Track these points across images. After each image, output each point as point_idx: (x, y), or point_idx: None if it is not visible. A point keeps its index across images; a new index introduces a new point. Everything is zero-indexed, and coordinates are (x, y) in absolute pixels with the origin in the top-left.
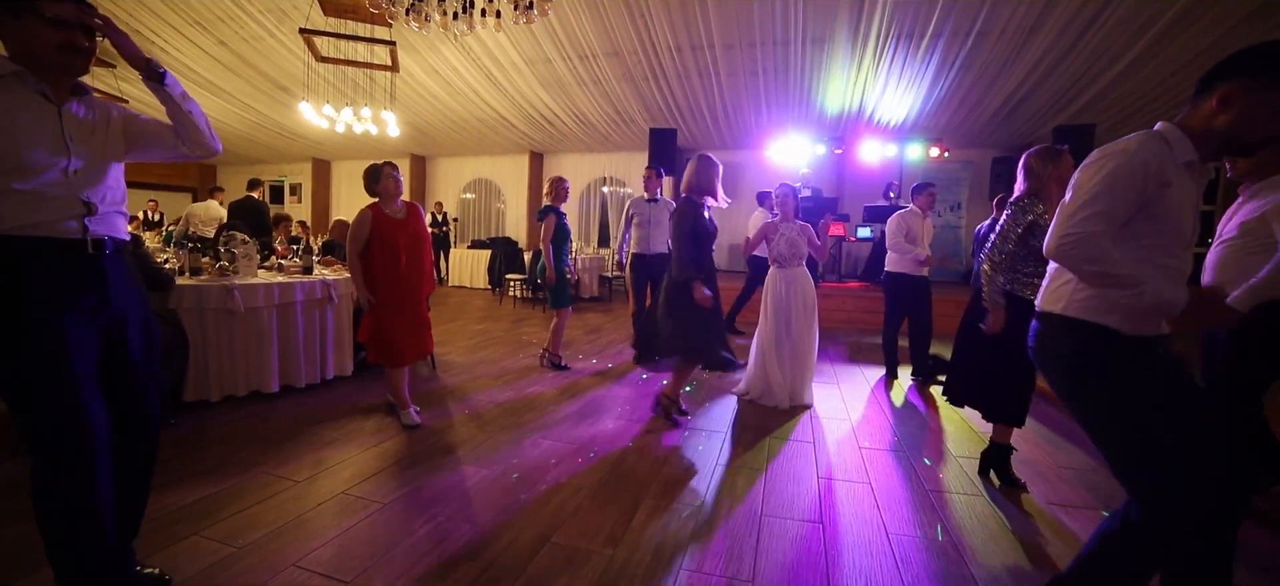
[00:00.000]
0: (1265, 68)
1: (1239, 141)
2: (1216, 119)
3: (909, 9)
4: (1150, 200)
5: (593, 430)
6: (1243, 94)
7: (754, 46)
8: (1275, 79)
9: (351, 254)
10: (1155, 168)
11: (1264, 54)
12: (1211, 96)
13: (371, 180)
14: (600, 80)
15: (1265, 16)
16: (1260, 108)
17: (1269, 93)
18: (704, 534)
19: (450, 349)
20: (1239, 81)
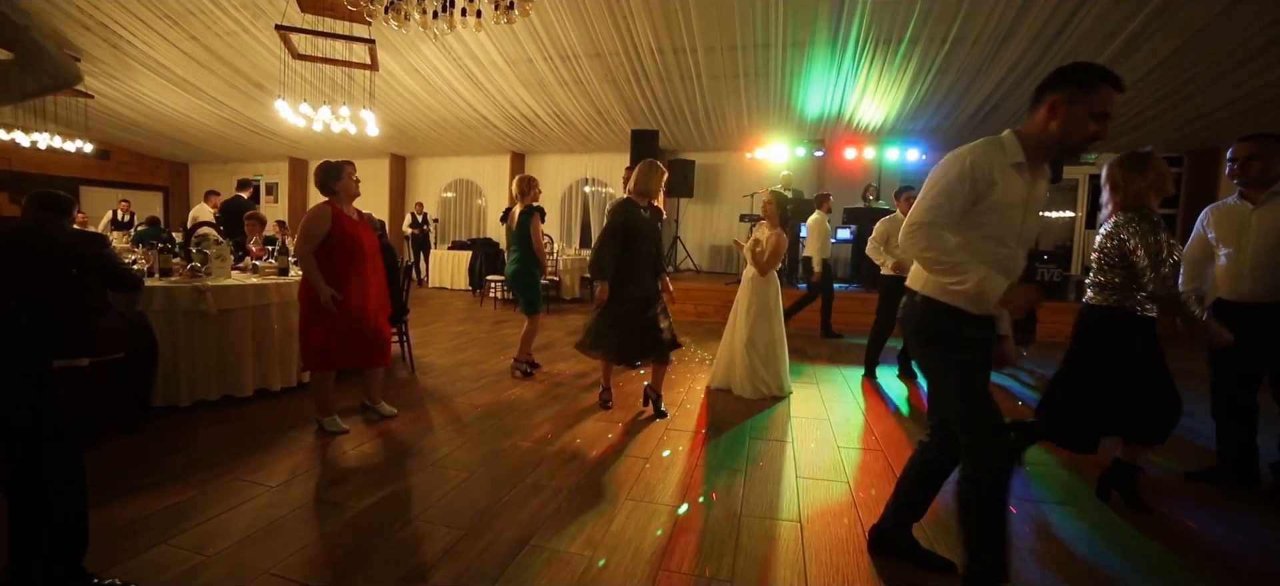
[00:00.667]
0: (1080, 82)
1: (1065, 144)
2: (1049, 125)
3: (887, 14)
4: (980, 196)
5: (573, 432)
6: (1065, 103)
7: (735, 49)
8: (1088, 91)
9: (304, 251)
10: (982, 170)
11: (1079, 69)
12: (1042, 106)
13: (330, 177)
14: (582, 81)
15: (1212, 34)
16: (1077, 115)
17: (1081, 103)
18: (683, 534)
19: (430, 350)
20: (1062, 92)
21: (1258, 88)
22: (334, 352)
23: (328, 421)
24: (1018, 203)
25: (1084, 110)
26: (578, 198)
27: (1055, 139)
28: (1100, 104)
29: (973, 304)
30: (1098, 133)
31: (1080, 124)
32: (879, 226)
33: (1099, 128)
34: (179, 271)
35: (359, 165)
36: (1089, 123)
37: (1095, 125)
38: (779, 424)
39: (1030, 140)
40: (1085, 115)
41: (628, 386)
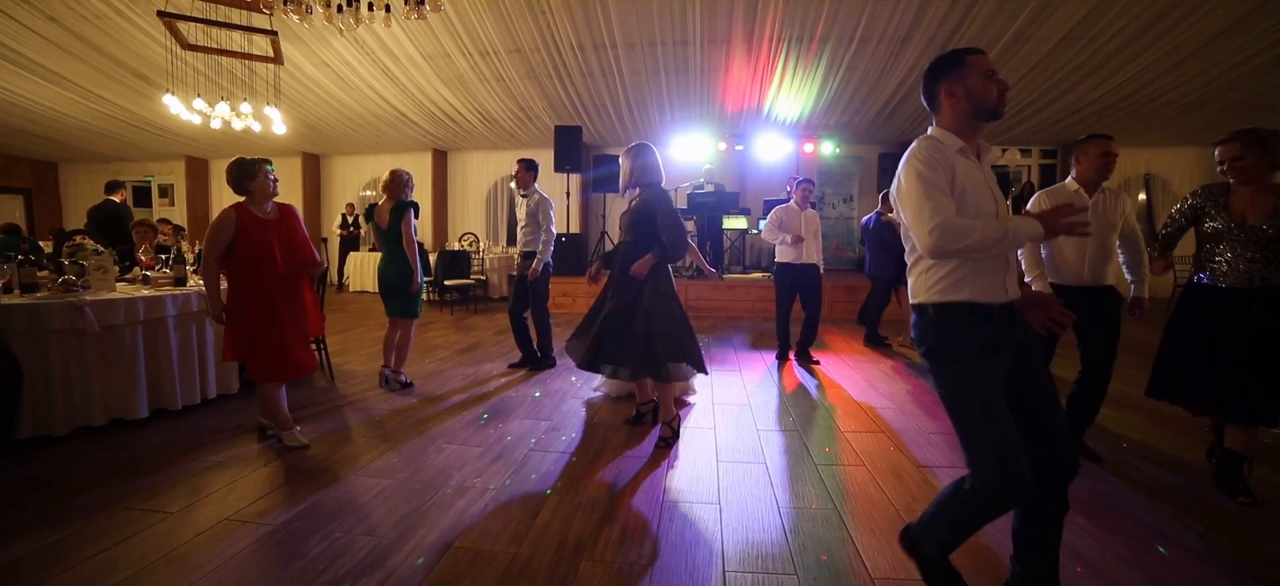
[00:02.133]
0: (956, 63)
1: (981, 108)
2: (959, 108)
3: (797, 14)
4: (953, 180)
5: (499, 431)
6: (956, 82)
7: (654, 45)
8: (964, 66)
9: (209, 259)
10: (939, 159)
11: (946, 58)
12: (941, 100)
13: (244, 176)
14: (503, 77)
15: (1072, 42)
16: (973, 82)
17: (967, 75)
18: (606, 523)
19: (350, 358)
20: (946, 79)
21: (1115, 86)
22: (258, 363)
23: (287, 435)
24: (980, 183)
25: (975, 77)
26: (503, 193)
27: (971, 112)
28: (981, 66)
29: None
30: (1001, 85)
31: (982, 89)
32: (773, 214)
33: (997, 82)
34: (49, 286)
35: None
36: (986, 83)
37: (992, 83)
38: (702, 410)
39: (955, 125)
40: (979, 79)
41: (552, 385)
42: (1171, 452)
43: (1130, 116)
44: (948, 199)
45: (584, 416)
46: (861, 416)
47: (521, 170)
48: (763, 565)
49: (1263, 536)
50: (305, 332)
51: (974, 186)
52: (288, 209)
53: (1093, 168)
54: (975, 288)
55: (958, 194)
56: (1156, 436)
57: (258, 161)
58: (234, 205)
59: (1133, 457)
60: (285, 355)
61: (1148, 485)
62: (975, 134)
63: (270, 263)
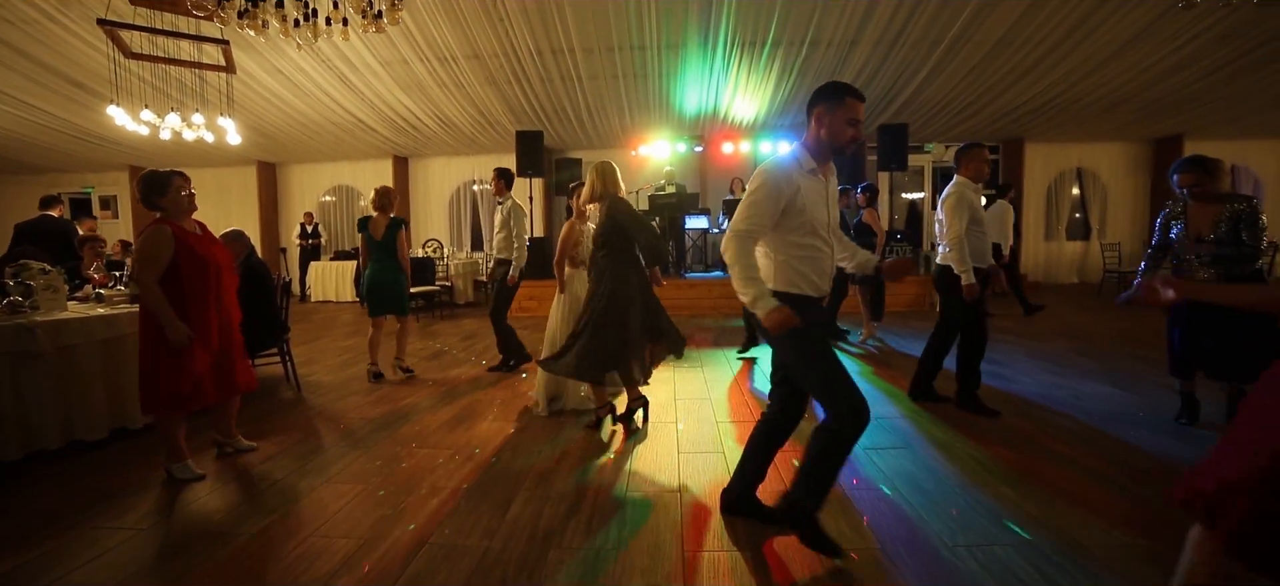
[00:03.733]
0: (831, 96)
1: (834, 145)
2: (820, 133)
3: (749, 19)
4: (788, 204)
5: (469, 433)
6: (826, 113)
7: (612, 51)
8: (839, 103)
9: (149, 281)
10: (785, 183)
11: (833, 87)
12: (812, 119)
13: (154, 191)
14: (462, 83)
15: (1005, 46)
16: (836, 123)
17: (836, 113)
18: (574, 514)
19: (316, 368)
20: (821, 106)
21: (1046, 87)
22: (193, 395)
23: (179, 468)
24: (819, 200)
25: (841, 118)
26: (466, 199)
27: (827, 143)
28: (850, 112)
29: (810, 287)
30: (855, 135)
31: (841, 129)
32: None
33: (855, 131)
34: None
35: (221, 174)
36: (846, 128)
37: (851, 129)
38: (665, 406)
39: (813, 147)
40: (842, 122)
41: (521, 387)
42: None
43: (1061, 114)
44: (765, 222)
45: (550, 418)
46: (814, 406)
47: (495, 179)
48: (718, 543)
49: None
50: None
51: (814, 203)
52: (208, 231)
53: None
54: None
55: (795, 208)
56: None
57: (169, 174)
58: (163, 220)
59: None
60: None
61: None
62: (826, 159)
63: (216, 281)
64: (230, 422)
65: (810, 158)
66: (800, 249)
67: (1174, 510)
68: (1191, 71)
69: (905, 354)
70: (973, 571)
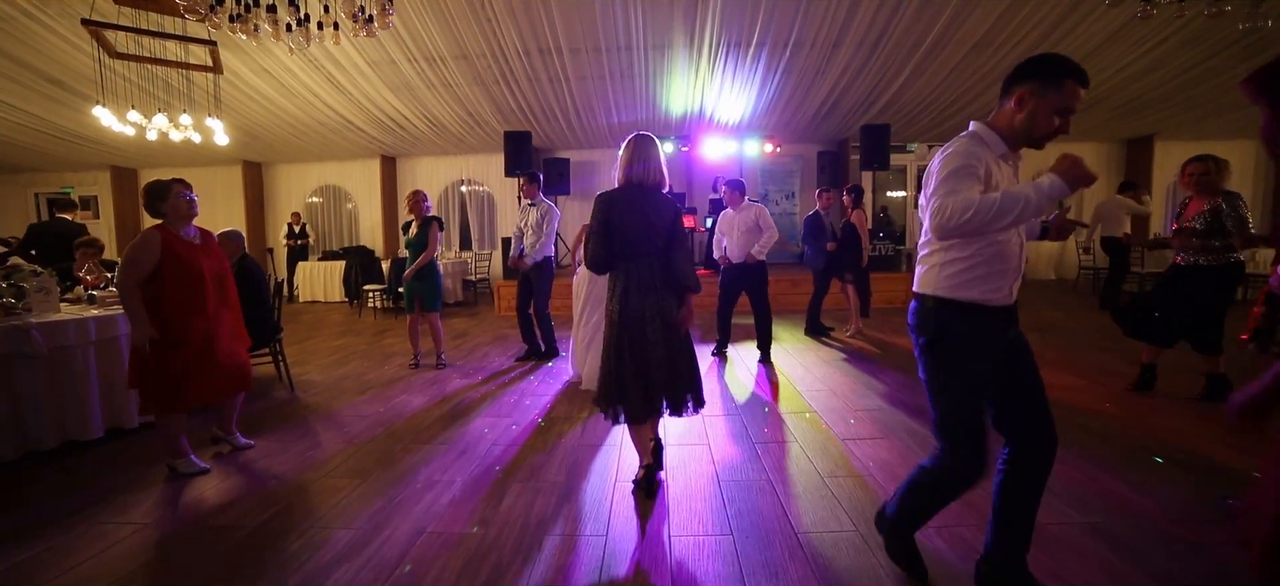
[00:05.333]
0: (1047, 74)
1: (1031, 135)
2: (1016, 117)
3: (735, 20)
4: (988, 180)
5: (461, 429)
6: (1032, 95)
7: (599, 51)
8: (1054, 83)
9: (129, 283)
10: (977, 160)
11: (1046, 62)
12: (1011, 98)
13: (157, 199)
14: (450, 83)
15: (983, 48)
16: (1042, 107)
17: (1047, 96)
18: (564, 503)
19: (309, 367)
20: (1029, 84)
21: None
22: (187, 391)
23: (182, 463)
24: (1010, 182)
25: (1050, 105)
26: (454, 199)
27: (1022, 130)
28: (1067, 99)
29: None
30: (1062, 127)
31: (1046, 119)
32: (721, 220)
33: (1063, 123)
34: None
35: (206, 174)
36: (1053, 118)
37: (1060, 120)
38: None
39: (1003, 132)
40: (1050, 110)
41: (511, 383)
42: None
43: None
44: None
45: (541, 411)
46: (795, 400)
47: (526, 182)
48: (702, 528)
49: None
50: (239, 353)
51: (1008, 181)
52: (210, 237)
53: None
54: (982, 288)
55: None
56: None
57: (170, 181)
58: (156, 226)
59: None
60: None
61: None
62: (1017, 147)
63: (200, 290)
64: (231, 420)
65: (1000, 140)
66: (988, 247)
67: (1128, 497)
68: (1160, 74)
69: (889, 348)
70: (939, 549)
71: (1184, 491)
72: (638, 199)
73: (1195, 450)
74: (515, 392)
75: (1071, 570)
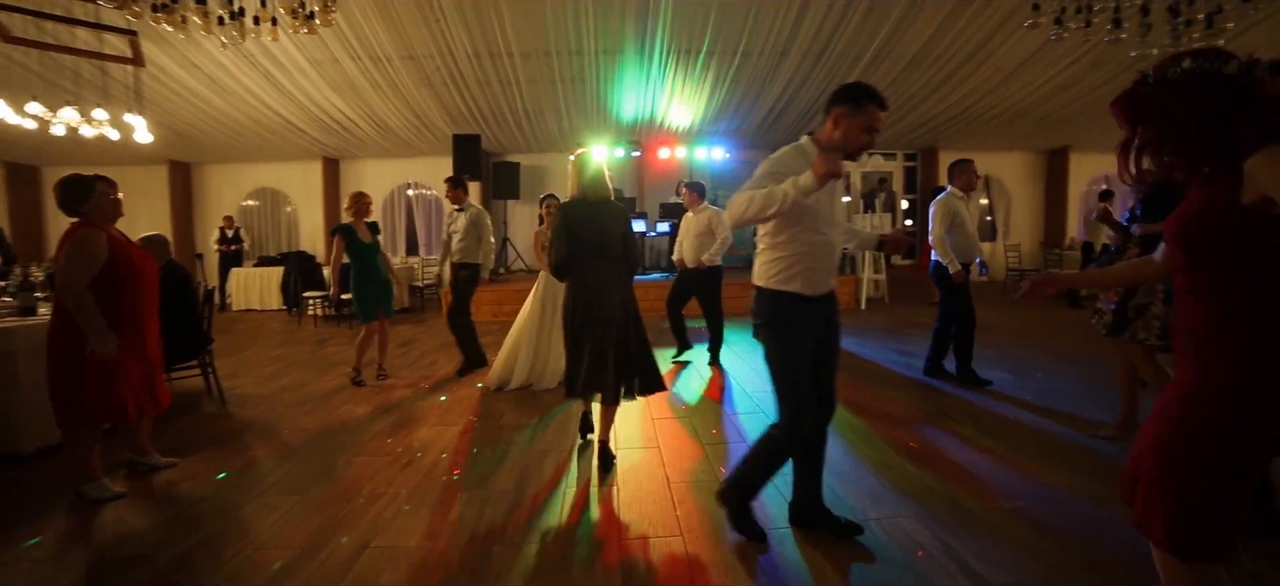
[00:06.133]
0: (855, 99)
1: (846, 148)
2: (833, 134)
3: (684, 28)
4: None
5: (408, 440)
6: (845, 116)
7: (550, 55)
8: (859, 106)
9: (79, 287)
10: (790, 171)
11: (854, 89)
12: (829, 118)
13: (75, 197)
14: (397, 84)
15: (921, 61)
16: (853, 125)
17: (856, 117)
18: (514, 512)
19: (244, 381)
20: (843, 107)
21: (957, 100)
22: (115, 406)
23: (93, 487)
24: (825, 195)
25: (858, 124)
26: (401, 203)
27: (838, 145)
28: (869, 120)
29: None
30: (868, 143)
31: (856, 135)
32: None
33: (869, 138)
34: None
35: (124, 174)
36: (861, 134)
37: (867, 136)
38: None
39: (823, 146)
40: (859, 128)
41: (459, 392)
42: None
43: (969, 126)
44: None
45: (490, 419)
46: (745, 401)
47: (450, 188)
48: (652, 530)
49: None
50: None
51: (826, 196)
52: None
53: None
54: (801, 282)
55: (809, 200)
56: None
57: (93, 178)
58: (89, 222)
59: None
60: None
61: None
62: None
63: (152, 293)
64: (145, 439)
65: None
66: (805, 245)
67: (1046, 479)
68: (1072, 92)
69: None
70: (880, 540)
71: (1093, 471)
72: (592, 208)
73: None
74: (463, 400)
75: (998, 551)
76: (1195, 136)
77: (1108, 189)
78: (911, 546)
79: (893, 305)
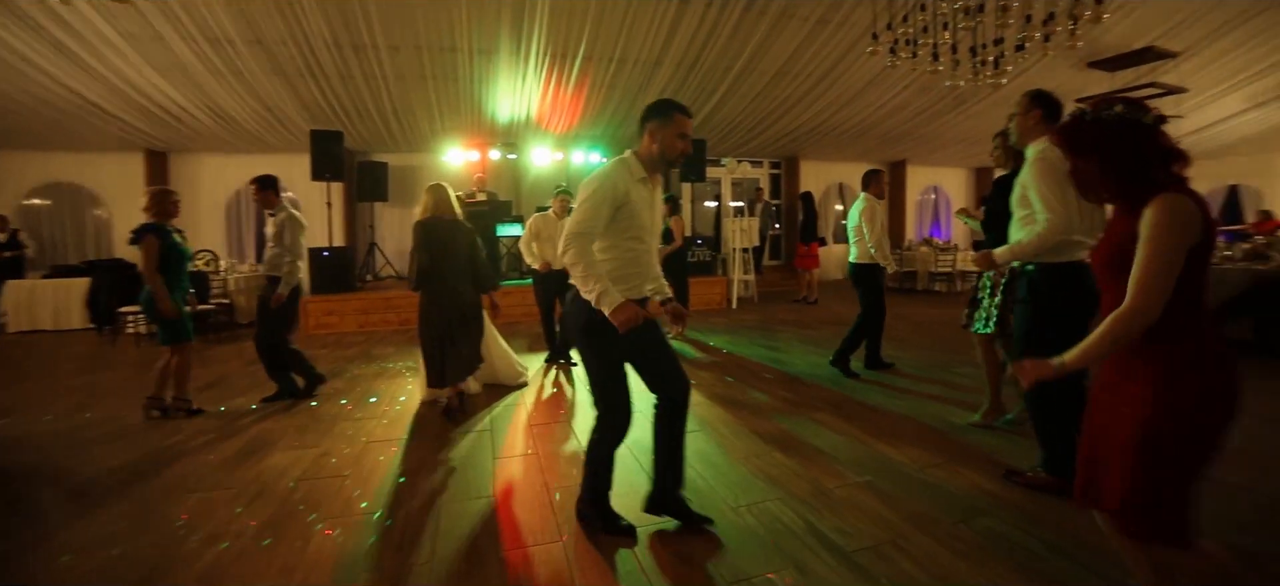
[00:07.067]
0: (663, 112)
1: (666, 158)
2: (651, 147)
3: (560, 32)
4: (620, 206)
5: (258, 467)
6: (658, 129)
7: (420, 51)
8: (669, 118)
9: None
10: (621, 186)
11: (661, 104)
12: (645, 134)
13: None
14: (242, 72)
15: (782, 77)
16: (667, 135)
17: (667, 127)
18: (383, 535)
19: (23, 419)
20: (655, 121)
21: (813, 114)
22: None
23: None
24: (646, 206)
25: (671, 133)
26: (248, 205)
27: (659, 156)
28: (679, 128)
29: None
30: (685, 149)
31: (672, 143)
32: (530, 224)
33: (685, 145)
34: None
35: None
36: (677, 141)
37: (682, 143)
38: (479, 417)
39: (643, 159)
40: (673, 136)
41: (320, 413)
42: None
43: (825, 138)
44: (599, 225)
45: (354, 437)
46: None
47: (258, 190)
48: (534, 539)
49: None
50: None
51: (642, 208)
52: None
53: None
54: (620, 286)
55: (625, 213)
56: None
57: None
58: None
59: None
60: None
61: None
62: (656, 170)
63: None
64: None
65: (640, 167)
66: (625, 252)
67: (894, 456)
68: (907, 112)
69: (707, 347)
70: (751, 525)
71: (926, 444)
72: (443, 227)
73: (940, 416)
74: (326, 421)
75: (851, 522)
76: (1120, 171)
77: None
78: (779, 528)
79: (762, 304)
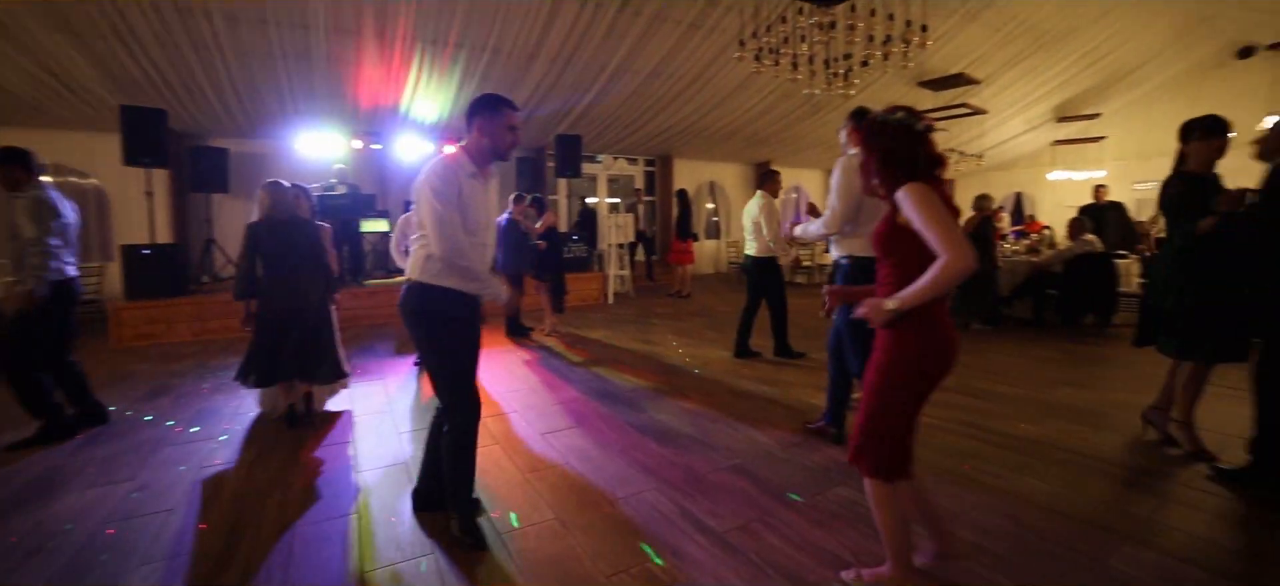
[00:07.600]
0: (490, 107)
1: (496, 151)
2: (482, 141)
3: (430, 18)
4: (459, 195)
5: (41, 514)
6: (487, 123)
7: (266, 24)
8: (496, 111)
9: None
10: (456, 177)
11: (487, 99)
12: (474, 129)
13: None
14: (8, 27)
15: (655, 78)
16: (497, 128)
17: (495, 121)
18: (226, 567)
19: None
20: (482, 116)
21: (686, 115)
22: None
23: None
24: (480, 201)
25: (500, 126)
26: None
27: (489, 149)
28: (508, 120)
29: (463, 284)
30: (515, 141)
31: (502, 135)
32: (401, 222)
33: (514, 136)
34: None
35: None
36: (506, 133)
37: (511, 135)
38: (340, 426)
39: (473, 155)
40: (503, 128)
41: (137, 434)
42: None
43: (697, 138)
44: (454, 211)
45: (182, 465)
46: (492, 405)
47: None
48: (402, 554)
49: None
50: None
51: (476, 203)
52: None
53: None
54: (455, 280)
55: (463, 204)
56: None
57: None
58: None
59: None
60: None
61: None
62: (487, 163)
63: None
64: None
65: (470, 162)
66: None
67: (760, 438)
68: (771, 117)
69: (582, 342)
70: (630, 517)
71: (789, 424)
72: (281, 228)
73: (800, 398)
74: (145, 447)
75: (722, 504)
76: (891, 168)
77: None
78: (655, 516)
79: (638, 298)
